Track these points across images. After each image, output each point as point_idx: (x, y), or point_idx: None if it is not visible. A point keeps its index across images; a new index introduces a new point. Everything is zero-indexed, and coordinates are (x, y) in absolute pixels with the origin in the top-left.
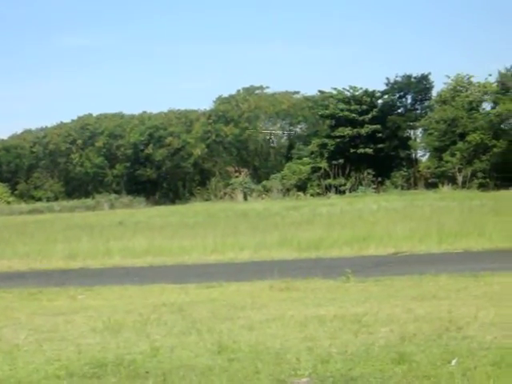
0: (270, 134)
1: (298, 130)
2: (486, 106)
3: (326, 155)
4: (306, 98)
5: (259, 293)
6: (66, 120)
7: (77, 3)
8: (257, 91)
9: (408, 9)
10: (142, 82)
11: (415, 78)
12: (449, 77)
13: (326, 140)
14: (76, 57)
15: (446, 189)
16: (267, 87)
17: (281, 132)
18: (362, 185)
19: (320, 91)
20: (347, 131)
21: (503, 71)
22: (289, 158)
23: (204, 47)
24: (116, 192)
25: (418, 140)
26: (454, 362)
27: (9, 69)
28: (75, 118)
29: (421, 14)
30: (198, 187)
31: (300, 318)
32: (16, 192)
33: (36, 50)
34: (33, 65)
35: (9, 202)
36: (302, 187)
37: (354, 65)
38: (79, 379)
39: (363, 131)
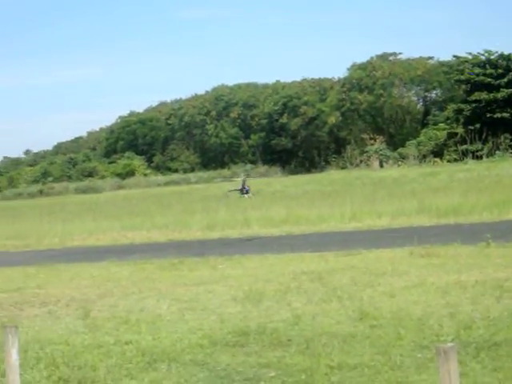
0: None
1: (433, 95)
2: None
3: (462, 120)
4: (441, 64)
5: (399, 259)
6: (201, 91)
7: None
8: (390, 57)
9: None
10: (275, 51)
11: None
12: None
13: (462, 105)
14: (208, 28)
15: None
16: (401, 53)
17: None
18: (499, 150)
19: (455, 56)
20: (483, 96)
21: None
22: (424, 124)
23: (336, 14)
24: (252, 162)
25: None
26: None
27: (143, 43)
28: (209, 89)
29: None
30: (334, 155)
31: (441, 284)
32: (152, 164)
33: (168, 22)
34: (165, 38)
35: (146, 175)
36: (438, 153)
37: (488, 28)
38: (222, 348)
39: (499, 95)
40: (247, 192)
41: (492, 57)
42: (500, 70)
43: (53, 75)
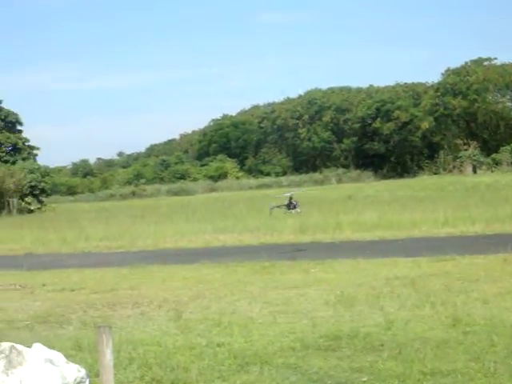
0: None
1: None
2: None
3: None
4: None
5: (493, 266)
6: (293, 95)
7: None
8: (485, 63)
9: None
10: (369, 55)
11: None
12: None
13: None
14: (302, 32)
15: None
16: (495, 58)
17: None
18: None
19: None
20: None
21: None
22: None
23: (430, 18)
24: (344, 166)
25: None
26: None
27: (237, 46)
28: (302, 93)
29: None
30: (426, 160)
31: None
32: (244, 167)
33: (261, 26)
34: (259, 41)
35: (238, 178)
36: None
37: None
38: (314, 351)
39: None
40: (295, 207)
41: None
42: None
43: (146, 77)
